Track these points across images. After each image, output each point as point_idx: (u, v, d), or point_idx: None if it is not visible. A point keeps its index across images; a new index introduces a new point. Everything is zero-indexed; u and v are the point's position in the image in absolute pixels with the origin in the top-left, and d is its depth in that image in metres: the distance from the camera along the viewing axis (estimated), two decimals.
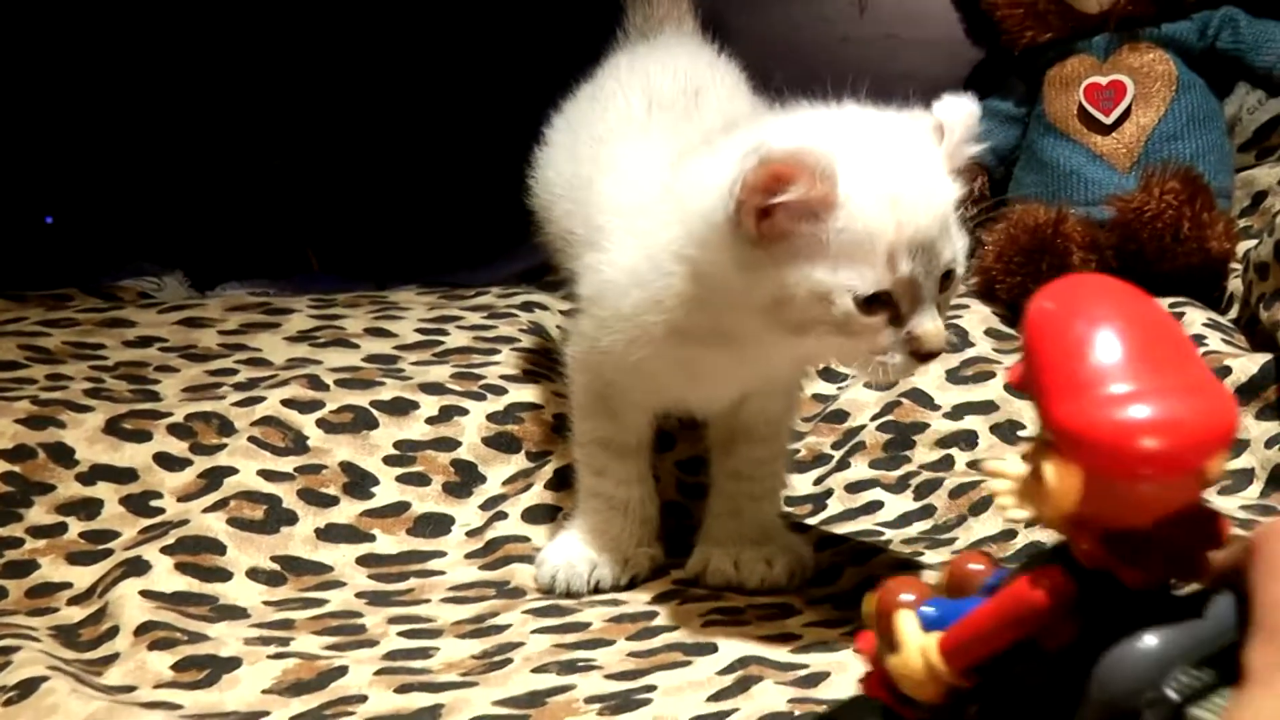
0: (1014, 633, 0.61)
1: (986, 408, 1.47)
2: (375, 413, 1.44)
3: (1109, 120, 1.74)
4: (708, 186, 1.02)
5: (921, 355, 1.01)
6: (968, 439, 1.43)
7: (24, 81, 2.12)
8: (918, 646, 0.65)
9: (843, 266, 0.98)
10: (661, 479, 1.35)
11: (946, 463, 1.41)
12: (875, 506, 1.37)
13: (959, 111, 1.04)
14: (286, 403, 1.43)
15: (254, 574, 1.25)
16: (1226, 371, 1.38)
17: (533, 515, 1.35)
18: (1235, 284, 1.62)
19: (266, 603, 1.21)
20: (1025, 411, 1.46)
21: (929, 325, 1.00)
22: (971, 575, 0.66)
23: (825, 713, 0.75)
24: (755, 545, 1.21)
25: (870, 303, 0.99)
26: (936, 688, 0.65)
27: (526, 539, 1.32)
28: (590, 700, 0.98)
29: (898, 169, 1.00)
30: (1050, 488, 0.57)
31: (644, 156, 1.16)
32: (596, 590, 1.21)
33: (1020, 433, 1.43)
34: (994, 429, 1.44)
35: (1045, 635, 0.60)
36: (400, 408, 1.45)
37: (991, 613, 0.62)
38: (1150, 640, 0.57)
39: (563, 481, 1.35)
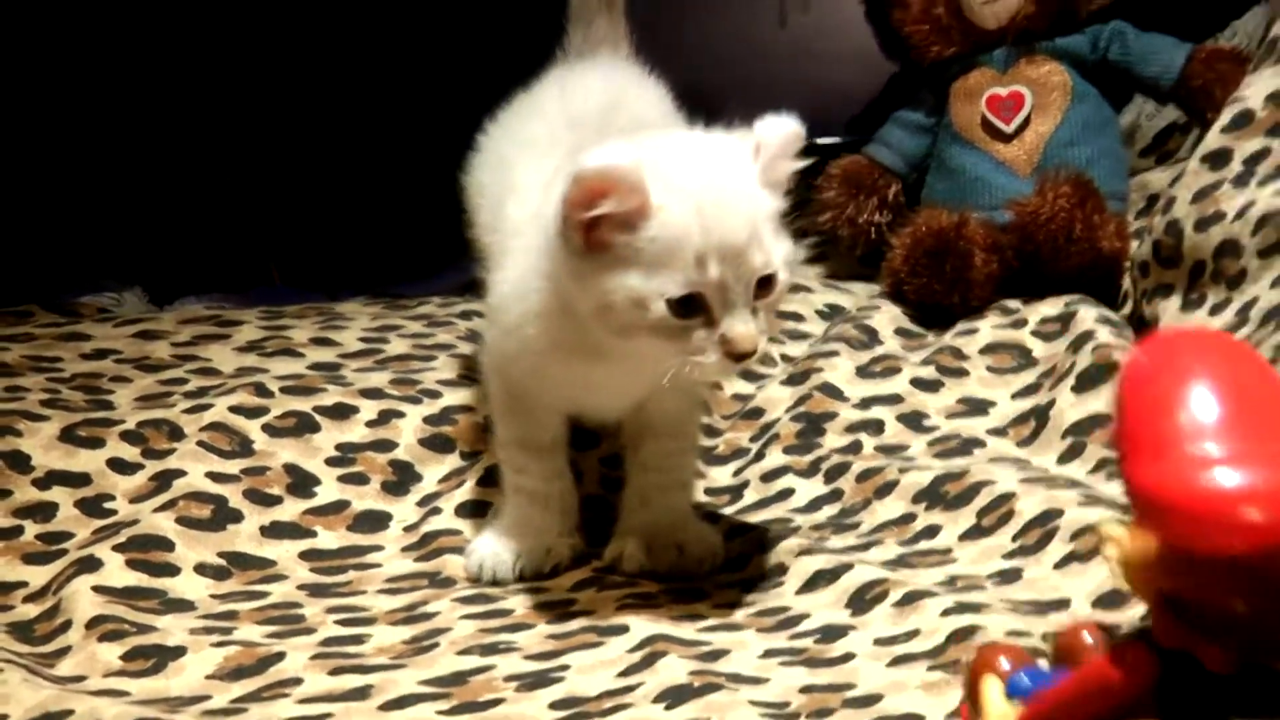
0: (1092, 710, 0.58)
1: (893, 400, 1.55)
2: (317, 417, 1.50)
3: (1010, 129, 1.82)
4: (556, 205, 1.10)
5: (735, 356, 1.08)
6: (875, 426, 1.52)
7: None
8: (998, 715, 0.65)
9: (656, 273, 1.06)
10: (585, 474, 1.43)
11: (855, 447, 1.49)
12: (788, 494, 1.45)
13: (776, 130, 1.11)
14: (234, 409, 1.49)
15: (201, 569, 1.31)
16: (1115, 366, 1.46)
17: (465, 510, 1.42)
18: (1129, 282, 1.70)
19: (213, 595, 1.27)
20: (930, 403, 1.55)
21: (740, 328, 1.07)
22: (1079, 646, 0.63)
23: None
24: (667, 534, 1.28)
25: (683, 306, 1.06)
26: None
27: (459, 532, 1.39)
28: (509, 679, 1.06)
29: (705, 181, 1.08)
30: (1125, 554, 0.57)
31: (543, 174, 1.22)
32: (521, 578, 1.28)
33: (925, 422, 1.52)
34: (900, 418, 1.53)
35: (1128, 715, 0.58)
36: (341, 412, 1.52)
37: (1070, 688, 0.60)
38: None
39: (493, 479, 1.41)
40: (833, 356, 1.61)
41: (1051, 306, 1.67)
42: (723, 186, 1.08)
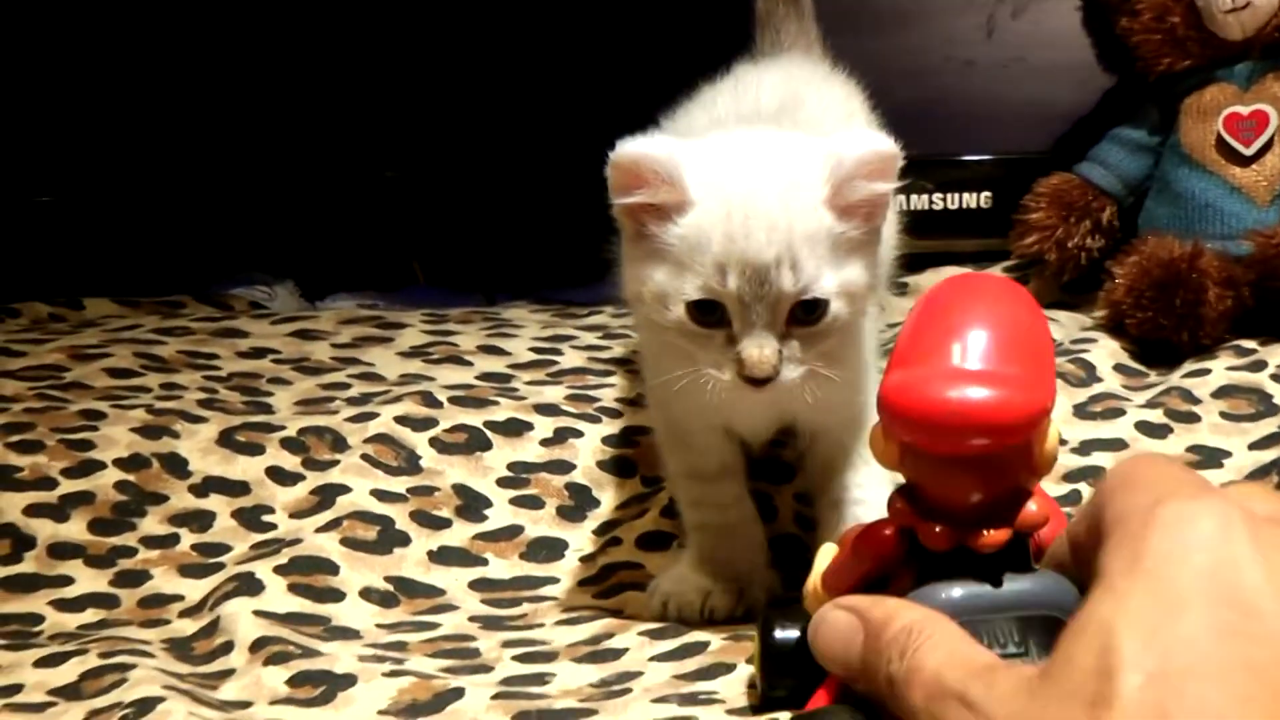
0: (858, 570, 0.70)
1: (1115, 445, 1.41)
2: (489, 433, 1.42)
3: (1249, 152, 1.69)
4: None
5: (749, 379, 1.02)
6: (1096, 474, 1.37)
7: (142, 93, 2.13)
8: (816, 572, 0.76)
9: (680, 272, 1.02)
10: (779, 510, 1.33)
11: (1073, 497, 1.35)
12: None
13: (856, 147, 1.02)
14: (400, 420, 1.42)
15: (367, 594, 1.23)
16: None
17: (646, 542, 1.32)
18: None
19: (379, 625, 1.20)
20: (1155, 448, 1.41)
21: (753, 351, 1.01)
22: None
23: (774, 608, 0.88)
24: None
25: (703, 312, 1.02)
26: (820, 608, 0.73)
27: (640, 566, 1.29)
28: None
29: (747, 186, 1.02)
30: (872, 446, 0.66)
31: None
32: (710, 620, 1.18)
33: None
34: None
35: (891, 577, 0.68)
36: (514, 428, 1.44)
37: (844, 552, 0.72)
38: (932, 592, 0.64)
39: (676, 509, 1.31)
40: None
41: None
42: (764, 196, 1.01)
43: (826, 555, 0.78)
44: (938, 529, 0.64)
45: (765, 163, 1.05)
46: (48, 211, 2.13)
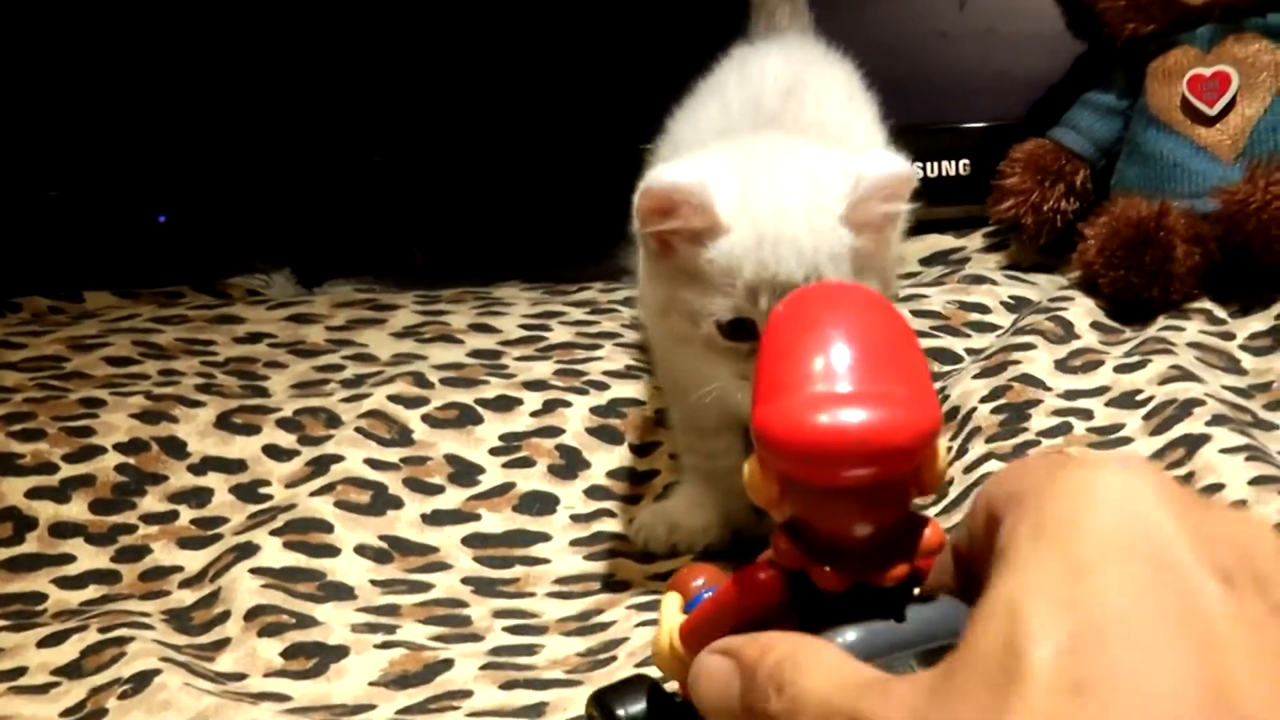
0: (733, 621, 0.61)
1: (1099, 391, 1.42)
2: (479, 409, 1.45)
3: (1213, 112, 1.70)
4: None
5: None
6: (1084, 414, 1.39)
7: (137, 85, 2.14)
8: (667, 628, 0.67)
9: (710, 293, 1.06)
10: None
11: (1064, 428, 1.36)
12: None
13: (878, 169, 1.07)
14: (392, 398, 1.45)
15: (361, 550, 1.26)
16: None
17: None
18: None
19: (373, 582, 1.23)
20: (1139, 379, 1.43)
21: None
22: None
23: (602, 689, 0.76)
24: None
25: (735, 330, 1.07)
26: (680, 669, 0.66)
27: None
28: None
29: (776, 209, 1.06)
30: (747, 484, 0.58)
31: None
32: (675, 553, 1.26)
33: (1137, 397, 1.40)
34: (1110, 403, 1.40)
35: (770, 626, 0.59)
36: (504, 404, 1.46)
37: (715, 601, 0.63)
38: (834, 638, 0.56)
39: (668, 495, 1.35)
40: (1028, 350, 1.49)
41: (1260, 320, 1.57)
42: (792, 219, 1.06)
43: (673, 605, 0.70)
44: (829, 570, 0.58)
45: (790, 184, 1.08)
46: (50, 207, 2.14)
